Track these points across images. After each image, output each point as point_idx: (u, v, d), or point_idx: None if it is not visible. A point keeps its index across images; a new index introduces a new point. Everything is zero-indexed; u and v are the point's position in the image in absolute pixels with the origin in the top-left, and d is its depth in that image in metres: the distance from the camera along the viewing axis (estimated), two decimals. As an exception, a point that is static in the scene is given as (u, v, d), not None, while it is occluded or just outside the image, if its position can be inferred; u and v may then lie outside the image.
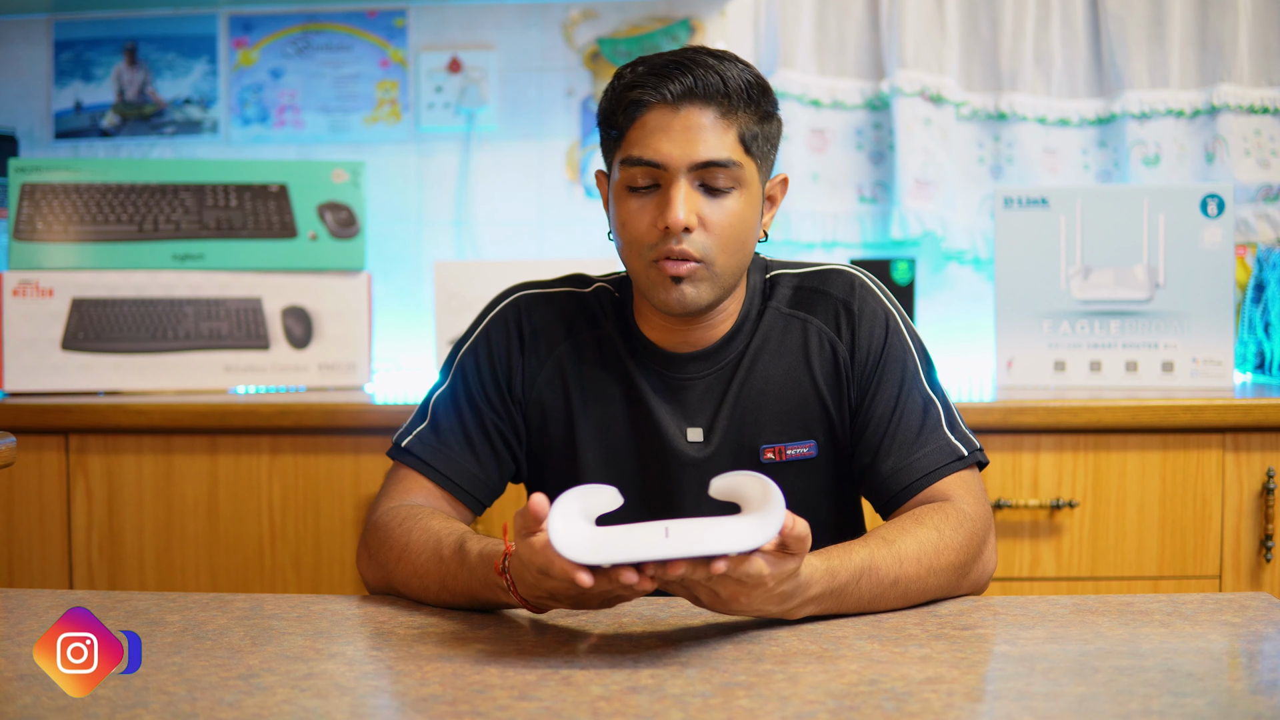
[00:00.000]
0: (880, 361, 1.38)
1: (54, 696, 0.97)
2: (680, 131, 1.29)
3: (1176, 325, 2.22)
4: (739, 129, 1.30)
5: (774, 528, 1.05)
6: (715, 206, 1.31)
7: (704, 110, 1.29)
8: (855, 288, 1.41)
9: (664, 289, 1.32)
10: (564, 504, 1.08)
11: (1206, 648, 1.12)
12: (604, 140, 1.37)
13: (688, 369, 1.40)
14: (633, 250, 1.33)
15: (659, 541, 1.05)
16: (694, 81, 1.28)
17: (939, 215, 2.55)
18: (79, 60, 2.69)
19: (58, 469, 2.12)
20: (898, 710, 0.94)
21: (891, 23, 2.56)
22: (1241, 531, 2.02)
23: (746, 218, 1.33)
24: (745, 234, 1.33)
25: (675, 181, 1.29)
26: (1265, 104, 2.53)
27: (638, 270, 1.34)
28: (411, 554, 1.28)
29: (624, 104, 1.31)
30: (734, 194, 1.31)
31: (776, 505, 1.06)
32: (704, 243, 1.30)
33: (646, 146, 1.29)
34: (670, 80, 1.29)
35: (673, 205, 1.28)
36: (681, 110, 1.29)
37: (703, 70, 1.29)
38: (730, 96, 1.29)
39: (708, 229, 1.30)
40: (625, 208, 1.33)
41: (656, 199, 1.31)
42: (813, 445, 1.40)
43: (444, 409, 1.43)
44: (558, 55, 2.65)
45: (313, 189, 2.36)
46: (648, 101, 1.29)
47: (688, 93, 1.28)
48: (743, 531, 1.06)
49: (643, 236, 1.32)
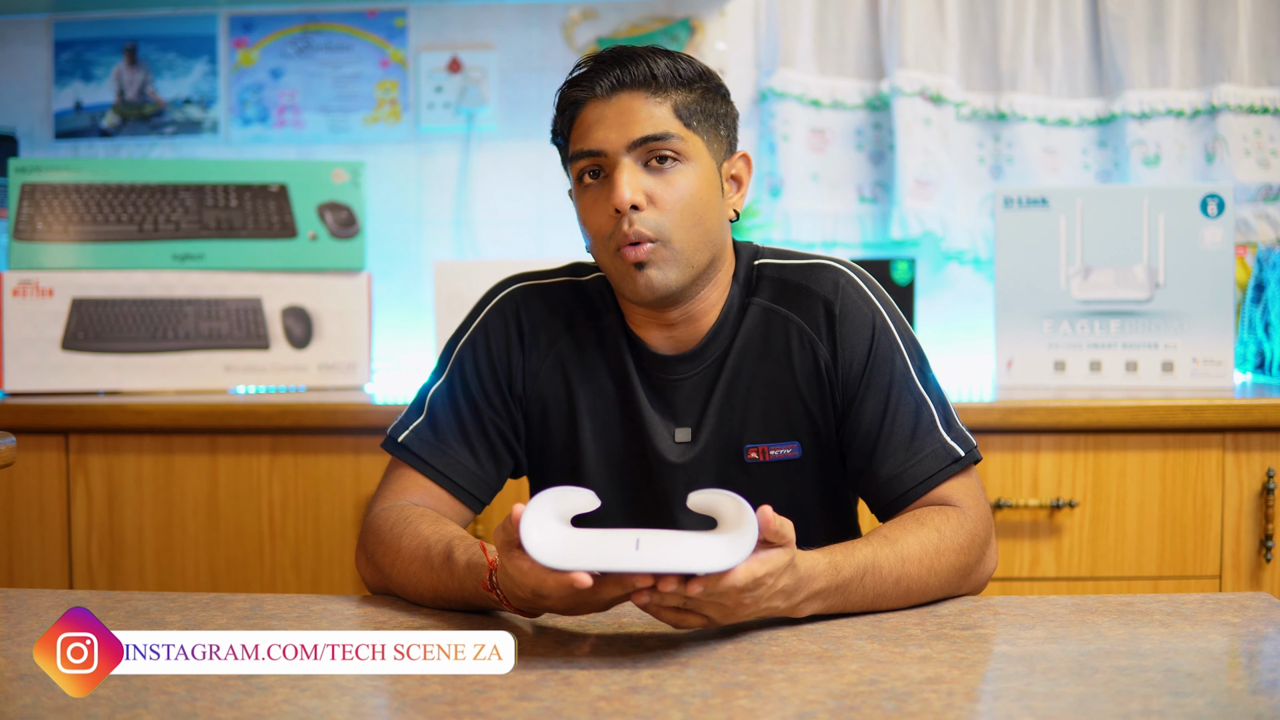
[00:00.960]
0: (867, 365, 1.36)
1: (54, 696, 0.97)
2: (614, 118, 1.31)
3: (1176, 325, 2.22)
4: (673, 104, 1.32)
5: (745, 551, 1.04)
6: (661, 182, 1.32)
7: (634, 94, 1.32)
8: (840, 287, 1.38)
9: (630, 278, 1.32)
10: (536, 506, 1.08)
11: (1206, 648, 1.12)
12: (561, 153, 1.39)
13: (676, 369, 1.40)
14: (597, 245, 1.35)
15: (629, 553, 1.05)
16: (621, 72, 1.32)
17: (939, 215, 2.55)
18: (79, 60, 2.69)
19: (58, 469, 2.12)
20: (898, 710, 0.94)
21: (891, 23, 2.56)
22: (1241, 531, 2.02)
23: (699, 192, 1.33)
24: (700, 208, 1.33)
25: (618, 164, 1.31)
26: (1265, 104, 2.53)
27: (605, 265, 1.35)
28: (403, 559, 1.28)
29: (563, 108, 1.35)
30: (680, 167, 1.32)
31: (749, 528, 1.05)
32: (656, 220, 1.31)
33: (586, 139, 1.32)
34: (599, 75, 1.32)
35: (617, 186, 1.30)
36: (613, 99, 1.32)
37: (630, 62, 1.32)
38: (657, 78, 1.32)
39: (658, 205, 1.31)
40: (582, 205, 1.35)
41: (605, 187, 1.33)
42: (796, 446, 1.39)
43: (441, 405, 1.42)
44: (558, 55, 2.65)
45: (313, 189, 2.36)
46: (582, 99, 1.33)
47: (617, 83, 1.32)
48: (713, 551, 1.05)
49: (601, 228, 1.33)
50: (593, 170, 1.33)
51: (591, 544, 1.07)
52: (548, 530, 1.08)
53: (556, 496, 1.11)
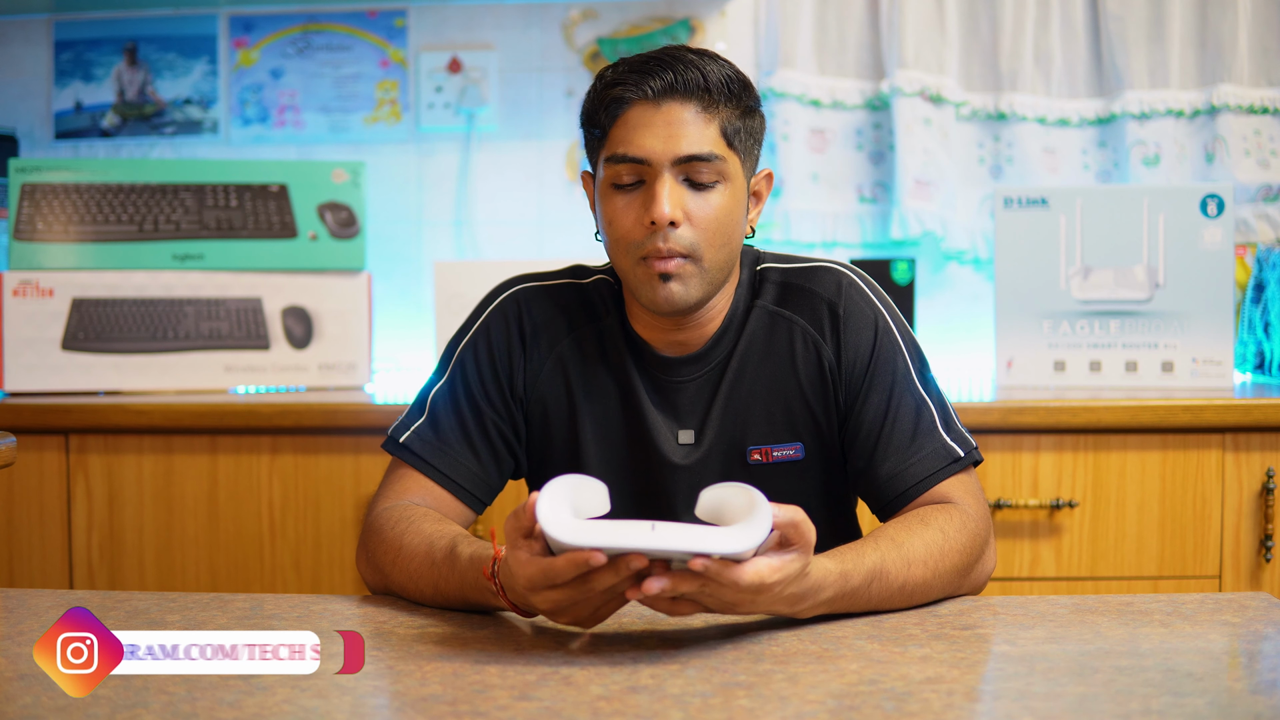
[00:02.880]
0: (870, 365, 1.37)
1: (54, 696, 0.97)
2: (662, 126, 1.29)
3: (1176, 325, 2.22)
4: (721, 123, 1.31)
5: (759, 534, 1.03)
6: (700, 201, 1.31)
7: (685, 105, 1.29)
8: (842, 288, 1.40)
9: (652, 287, 1.32)
10: (553, 488, 1.07)
11: (1206, 648, 1.12)
12: (588, 140, 1.37)
13: (680, 371, 1.40)
14: (620, 248, 1.33)
15: (644, 534, 1.04)
16: (674, 77, 1.29)
17: (939, 215, 2.55)
18: (79, 60, 2.69)
19: (58, 469, 2.12)
20: (898, 710, 0.94)
21: (891, 23, 2.56)
22: (1241, 531, 2.02)
23: (732, 212, 1.33)
24: (731, 228, 1.33)
25: (659, 176, 1.30)
26: (1265, 104, 2.53)
27: (625, 269, 1.34)
28: (405, 557, 1.27)
29: (605, 102, 1.32)
30: (718, 188, 1.32)
31: (762, 514, 1.04)
32: (690, 238, 1.31)
33: (630, 143, 1.30)
34: (651, 77, 1.29)
35: (658, 200, 1.29)
36: (663, 106, 1.29)
37: (683, 66, 1.30)
38: (711, 91, 1.30)
39: (693, 223, 1.31)
40: (611, 206, 1.33)
41: (641, 195, 1.31)
42: (799, 448, 1.40)
43: (443, 405, 1.42)
44: (558, 55, 2.65)
45: (313, 189, 2.36)
46: (629, 98, 1.30)
47: (668, 88, 1.29)
48: (728, 535, 1.04)
49: (629, 234, 1.32)
50: (629, 175, 1.31)
51: (606, 526, 1.07)
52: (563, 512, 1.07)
53: (573, 486, 1.10)
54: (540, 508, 1.04)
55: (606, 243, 1.36)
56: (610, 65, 1.35)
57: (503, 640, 1.13)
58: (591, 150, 1.37)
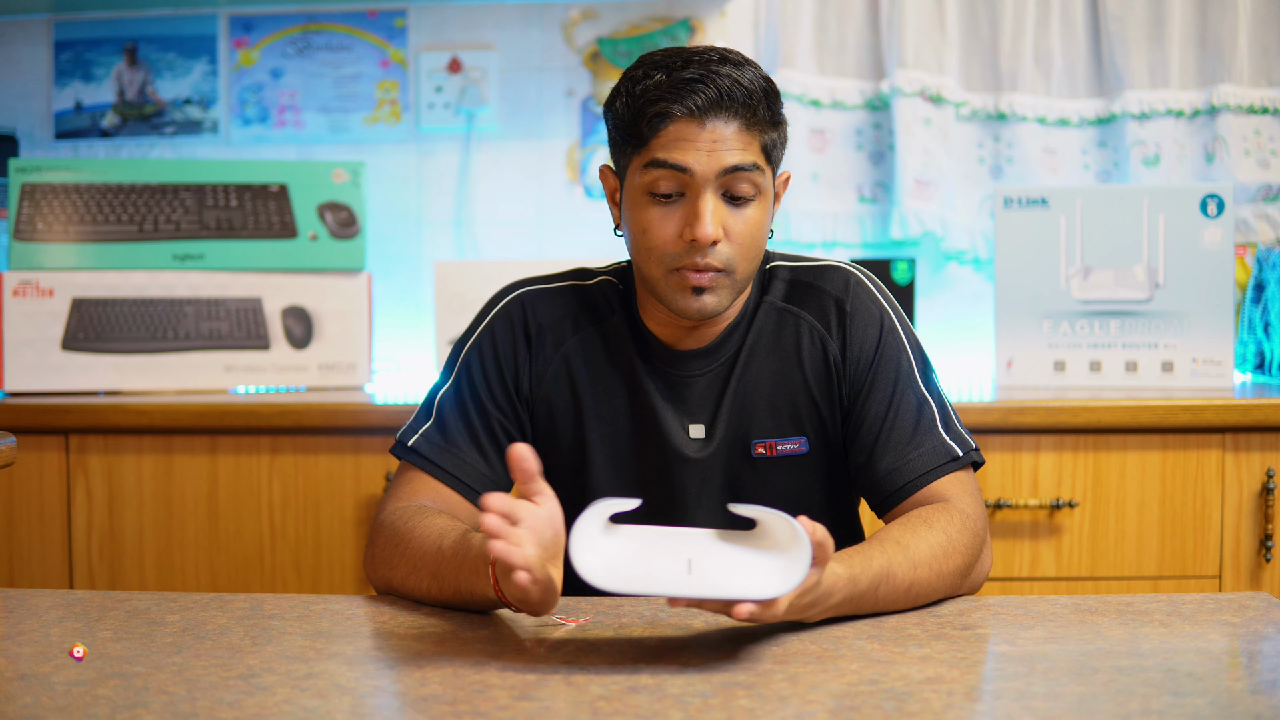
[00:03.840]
0: (874, 361, 1.39)
1: (54, 696, 0.97)
2: (707, 143, 1.29)
3: (1176, 325, 2.22)
4: (760, 140, 1.31)
5: (799, 574, 1.03)
6: (737, 217, 1.32)
7: (729, 122, 1.29)
8: (850, 285, 1.42)
9: (684, 297, 1.33)
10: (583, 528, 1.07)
11: (1206, 648, 1.12)
12: (621, 145, 1.35)
13: (689, 366, 1.41)
14: (652, 257, 1.33)
15: (681, 577, 1.05)
16: (718, 94, 1.28)
17: (939, 215, 2.55)
18: (79, 60, 2.69)
19: (58, 469, 2.12)
20: (898, 710, 0.94)
21: (891, 23, 2.56)
22: (1241, 531, 2.02)
23: (764, 224, 1.35)
24: (762, 240, 1.36)
25: (702, 193, 1.29)
26: (1265, 104, 2.53)
27: (656, 276, 1.34)
28: (413, 547, 1.28)
29: (647, 117, 1.30)
30: (754, 202, 1.32)
31: (802, 555, 1.04)
32: (728, 254, 1.32)
33: (672, 152, 1.29)
34: (694, 94, 1.28)
35: (702, 219, 1.29)
36: (707, 124, 1.29)
37: (724, 81, 1.28)
38: (754, 108, 1.30)
39: (731, 239, 1.32)
40: (647, 215, 1.32)
41: (682, 210, 1.31)
42: (804, 441, 1.41)
43: (449, 408, 1.42)
44: (558, 55, 2.65)
45: (313, 189, 2.36)
46: (672, 114, 1.29)
47: (712, 105, 1.28)
48: (767, 578, 1.05)
49: (666, 245, 1.32)
50: (669, 183, 1.30)
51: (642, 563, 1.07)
52: (598, 548, 1.07)
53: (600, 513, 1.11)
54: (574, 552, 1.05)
55: (633, 247, 1.36)
56: (642, 68, 1.32)
57: (503, 640, 1.13)
58: (623, 154, 1.35)
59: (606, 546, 1.09)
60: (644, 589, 1.04)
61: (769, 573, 1.06)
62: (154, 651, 1.09)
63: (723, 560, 1.09)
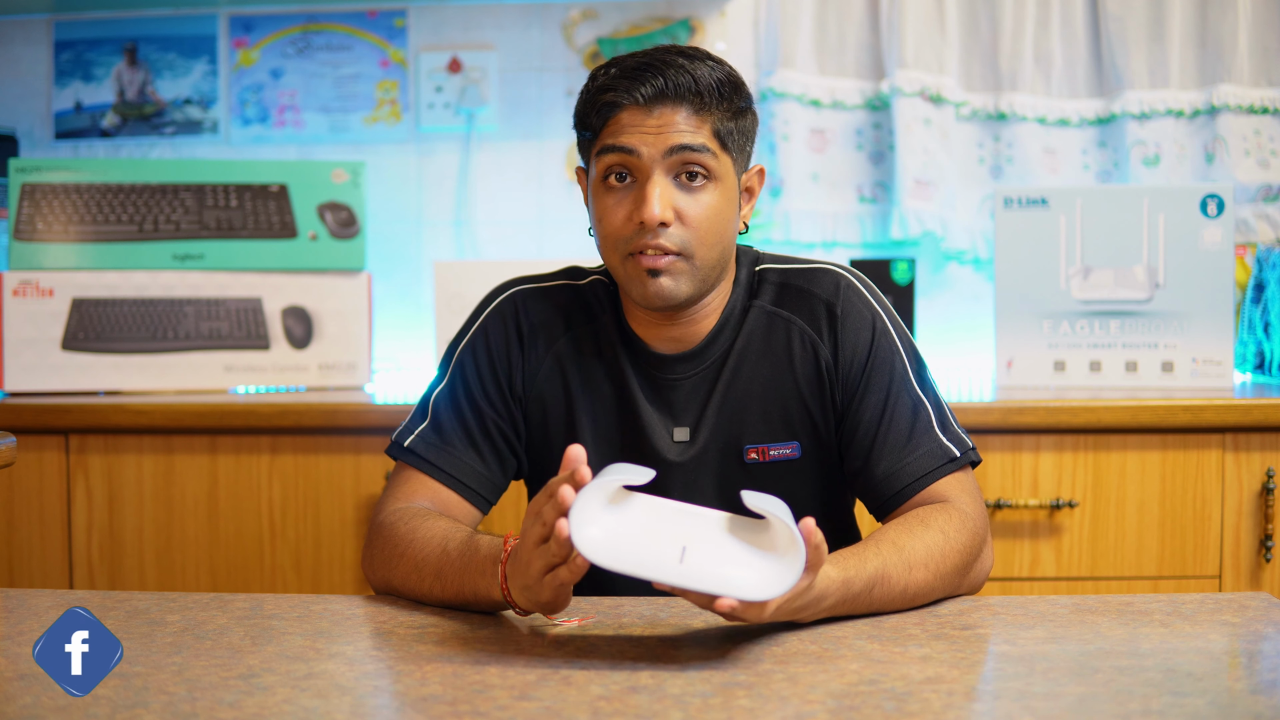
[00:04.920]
0: (867, 364, 1.38)
1: (54, 696, 0.97)
2: (653, 127, 1.30)
3: (1176, 325, 2.22)
4: (712, 125, 1.31)
5: (788, 583, 1.03)
6: (691, 200, 1.31)
7: (676, 109, 1.30)
8: (841, 288, 1.41)
9: (641, 282, 1.32)
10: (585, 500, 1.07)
11: (1206, 648, 1.12)
12: (580, 141, 1.39)
13: (675, 369, 1.41)
14: (609, 245, 1.34)
15: (672, 565, 1.05)
16: (665, 83, 1.30)
17: (939, 215, 2.55)
18: (79, 60, 2.69)
19: (58, 469, 2.12)
20: (898, 710, 0.94)
21: (891, 23, 2.56)
22: (1241, 531, 2.02)
23: (723, 211, 1.33)
24: (723, 227, 1.34)
25: (651, 175, 1.30)
26: (1265, 104, 2.53)
27: (615, 264, 1.35)
28: (415, 548, 1.27)
29: (597, 106, 1.33)
30: (710, 187, 1.32)
31: (796, 560, 1.04)
32: (681, 236, 1.31)
33: (619, 136, 1.31)
34: (642, 83, 1.30)
35: (648, 200, 1.29)
36: (654, 111, 1.30)
37: (674, 71, 1.30)
38: (702, 95, 1.30)
39: (685, 223, 1.31)
40: (602, 203, 1.34)
41: (633, 194, 1.32)
42: (796, 446, 1.40)
43: (445, 407, 1.42)
44: (558, 55, 2.65)
45: (313, 189, 2.36)
46: (620, 103, 1.31)
47: (659, 94, 1.30)
48: (757, 579, 1.05)
49: (619, 231, 1.32)
50: (619, 170, 1.32)
51: (637, 543, 1.07)
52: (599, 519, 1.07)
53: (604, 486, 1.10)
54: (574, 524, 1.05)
55: (597, 240, 1.37)
56: (602, 65, 1.36)
57: (503, 640, 1.13)
58: (584, 150, 1.38)
59: (608, 520, 1.09)
60: (632, 570, 1.04)
61: (760, 573, 1.06)
62: (154, 651, 1.09)
63: (717, 552, 1.08)
